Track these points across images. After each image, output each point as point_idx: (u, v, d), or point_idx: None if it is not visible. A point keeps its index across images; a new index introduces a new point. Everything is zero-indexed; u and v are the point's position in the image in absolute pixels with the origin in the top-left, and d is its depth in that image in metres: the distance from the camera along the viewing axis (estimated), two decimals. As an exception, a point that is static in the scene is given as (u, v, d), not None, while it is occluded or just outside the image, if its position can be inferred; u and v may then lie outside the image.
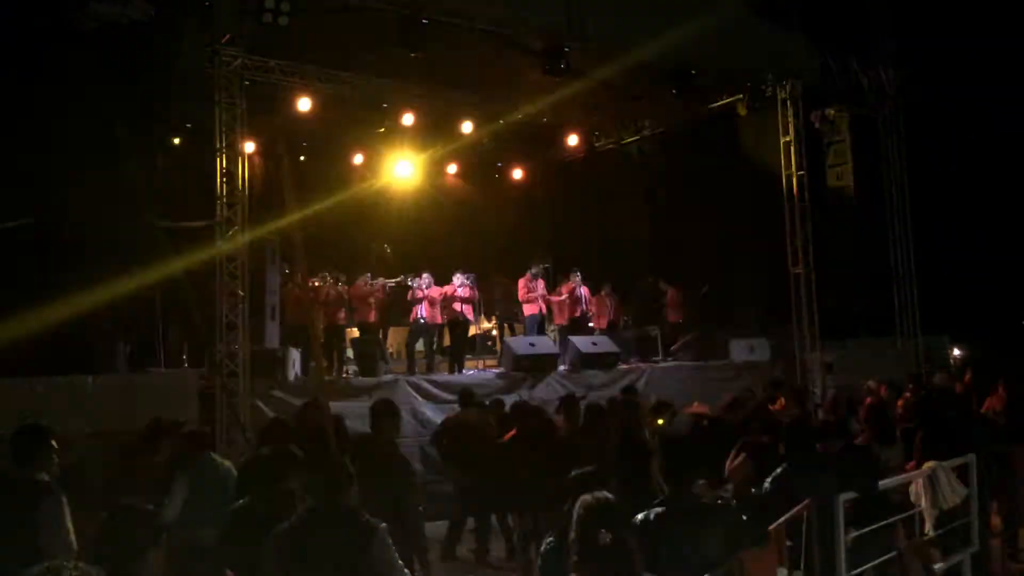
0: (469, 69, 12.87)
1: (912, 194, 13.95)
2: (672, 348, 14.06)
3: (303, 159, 15.39)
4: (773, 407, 7.96)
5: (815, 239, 13.54)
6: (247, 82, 10.69)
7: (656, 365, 13.41)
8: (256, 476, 4.42)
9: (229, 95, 10.18)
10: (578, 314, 14.09)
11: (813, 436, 5.01)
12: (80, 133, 8.83)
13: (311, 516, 3.73)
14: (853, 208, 14.24)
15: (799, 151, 13.62)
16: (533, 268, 14.06)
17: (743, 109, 13.82)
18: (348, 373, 12.04)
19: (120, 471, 6.04)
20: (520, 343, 12.97)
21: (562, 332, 14.25)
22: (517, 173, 18.23)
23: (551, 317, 14.41)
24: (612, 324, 14.64)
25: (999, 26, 12.90)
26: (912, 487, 5.88)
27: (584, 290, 14.22)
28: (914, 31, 13.40)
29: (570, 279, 14.32)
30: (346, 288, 12.72)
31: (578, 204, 17.62)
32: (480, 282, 13.99)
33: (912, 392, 9.08)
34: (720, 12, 11.68)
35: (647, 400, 8.21)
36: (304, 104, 12.47)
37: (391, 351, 13.21)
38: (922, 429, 6.70)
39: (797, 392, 9.25)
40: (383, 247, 15.53)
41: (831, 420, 6.23)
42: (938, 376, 10.54)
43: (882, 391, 9.41)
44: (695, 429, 7.35)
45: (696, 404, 7.98)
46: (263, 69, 11.76)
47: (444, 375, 12.38)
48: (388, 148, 15.14)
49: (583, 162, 17.14)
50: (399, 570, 3.76)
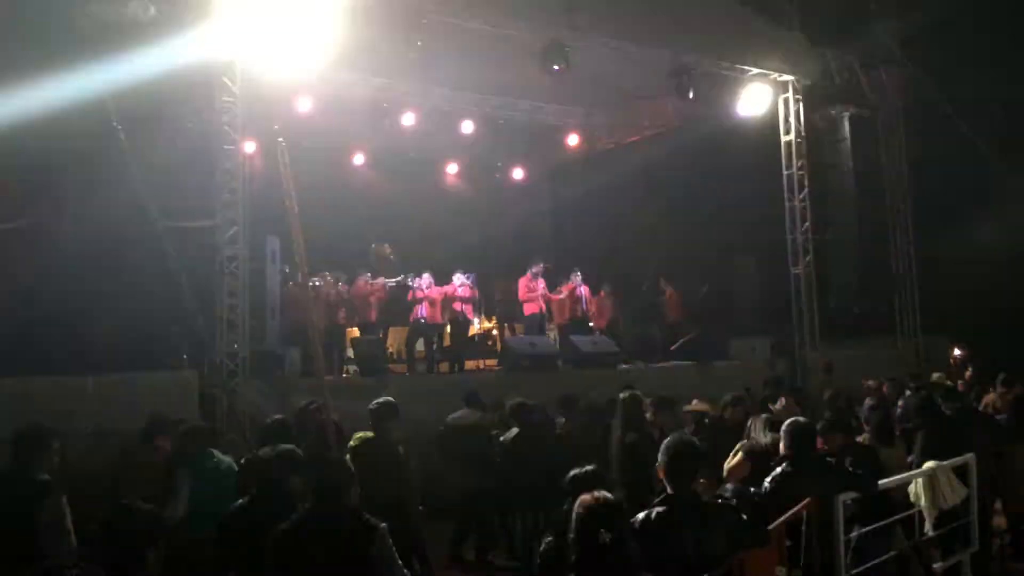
0: (469, 69, 12.88)
1: (912, 193, 13.96)
2: (672, 348, 14.05)
3: (303, 159, 15.37)
4: (773, 407, 7.95)
5: (815, 239, 13.55)
6: (247, 82, 10.68)
7: (656, 365, 13.41)
8: (256, 476, 4.42)
9: (229, 95, 10.18)
10: (578, 314, 14.09)
11: (813, 435, 5.00)
12: (80, 133, 8.83)
13: (311, 516, 3.73)
14: (853, 208, 14.24)
15: (799, 151, 13.64)
16: (533, 268, 14.06)
17: (743, 108, 13.83)
18: (348, 373, 12.04)
19: (120, 470, 6.03)
20: (520, 343, 12.97)
21: (562, 332, 14.25)
22: (517, 173, 18.23)
23: (551, 317, 14.41)
24: (612, 324, 14.63)
25: (999, 26, 12.90)
26: (911, 487, 5.88)
27: (584, 290, 14.21)
28: (914, 30, 13.39)
29: (570, 279, 14.32)
30: (346, 288, 12.72)
31: (578, 204, 17.62)
32: (480, 282, 13.99)
33: (912, 392, 9.08)
34: (720, 11, 11.70)
35: (646, 400, 8.18)
36: (304, 104, 12.45)
37: (391, 351, 13.20)
38: (922, 429, 6.71)
39: (797, 392, 9.24)
40: (383, 247, 15.53)
41: (832, 419, 6.22)
42: (935, 376, 10.55)
43: (884, 390, 9.42)
44: (696, 427, 7.36)
45: (696, 401, 7.98)
46: (263, 69, 11.74)
47: (444, 375, 12.39)
48: (388, 148, 15.15)
49: (583, 162, 17.13)
50: (399, 570, 3.77)
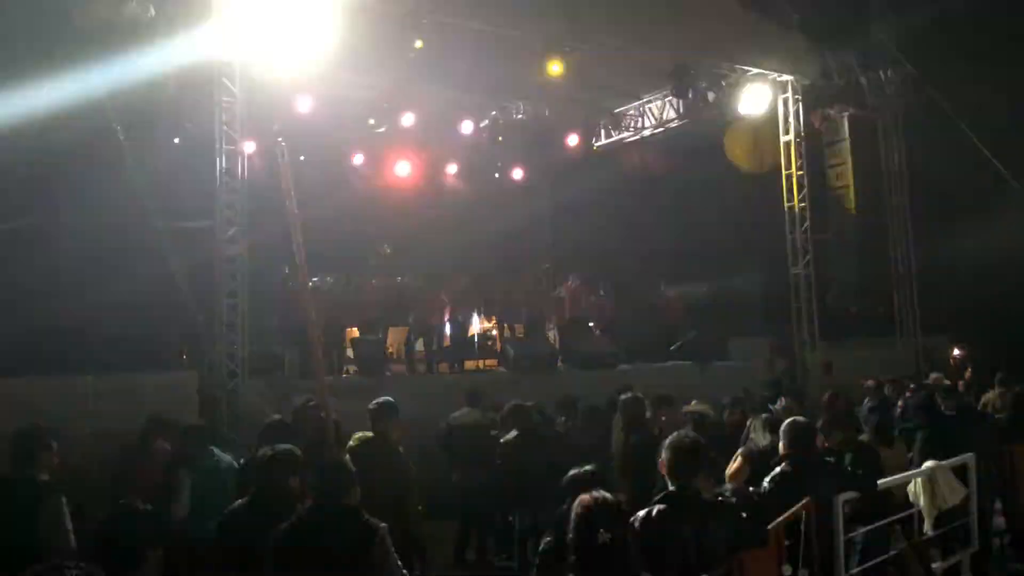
0: (469, 69, 12.88)
1: (911, 194, 13.96)
2: (672, 348, 14.05)
3: (303, 159, 15.39)
4: (774, 407, 7.95)
5: (815, 239, 13.55)
6: (247, 82, 10.69)
7: (656, 365, 13.41)
8: (256, 476, 4.42)
9: (229, 95, 10.18)
10: (578, 314, 14.09)
11: (813, 435, 5.00)
12: (80, 133, 8.84)
13: (311, 516, 3.73)
14: (853, 208, 14.24)
15: (799, 151, 13.64)
16: (534, 269, 14.07)
17: (742, 109, 13.83)
18: (348, 373, 12.04)
19: (120, 470, 6.02)
20: (520, 343, 12.97)
21: (562, 332, 14.26)
22: (517, 173, 18.23)
23: (550, 317, 14.41)
24: (612, 324, 14.63)
25: (999, 25, 12.89)
26: (911, 487, 5.88)
27: (584, 290, 14.21)
28: (914, 31, 13.39)
29: (570, 280, 14.32)
30: (347, 288, 12.72)
31: (578, 204, 17.61)
32: (480, 282, 13.99)
33: (912, 392, 9.09)
34: (719, 12, 11.69)
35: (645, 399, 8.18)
36: (304, 104, 12.45)
37: (391, 351, 13.20)
38: (922, 429, 6.71)
39: (797, 392, 9.25)
40: (383, 247, 15.53)
41: (832, 418, 6.22)
42: (933, 376, 10.55)
43: (886, 390, 9.42)
44: (697, 426, 7.34)
45: (695, 402, 7.97)
46: (263, 69, 11.75)
47: (444, 375, 12.39)
48: (388, 148, 15.15)
49: (583, 162, 17.13)
50: (399, 570, 3.76)
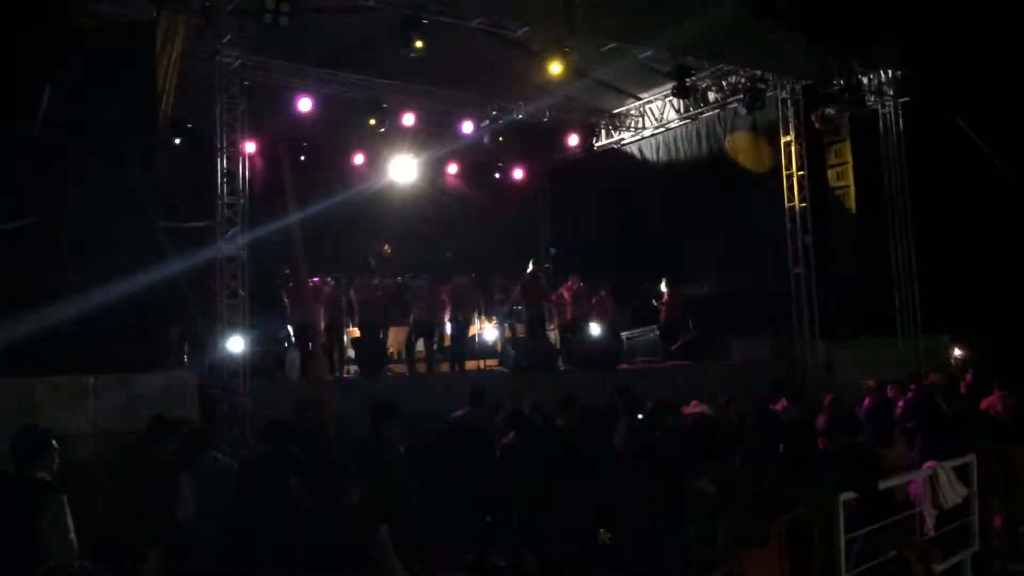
0: (469, 69, 12.88)
1: (912, 194, 13.95)
2: (672, 348, 14.06)
3: (303, 159, 15.40)
4: (774, 407, 7.96)
5: (815, 239, 13.55)
6: (247, 82, 10.71)
7: (656, 365, 13.41)
8: (256, 476, 4.43)
9: (229, 95, 10.19)
10: (578, 314, 14.09)
11: (813, 436, 5.01)
12: (81, 133, 8.82)
13: (311, 516, 3.74)
14: (853, 208, 14.23)
15: (799, 151, 13.64)
16: (534, 268, 14.05)
17: (743, 109, 13.84)
18: (348, 373, 12.04)
19: (121, 471, 6.03)
20: (520, 343, 12.97)
21: (562, 332, 14.26)
22: (517, 173, 18.24)
23: (551, 317, 14.41)
24: (612, 324, 14.63)
25: (999, 25, 12.89)
26: (912, 487, 5.88)
27: (584, 290, 14.22)
28: (915, 31, 13.38)
29: (570, 279, 14.33)
30: (347, 288, 12.72)
31: (578, 204, 17.62)
32: (480, 282, 13.99)
33: (913, 392, 9.08)
34: (720, 11, 11.68)
35: (645, 400, 8.18)
36: (304, 104, 12.47)
37: (391, 351, 13.20)
38: (922, 429, 6.71)
39: (797, 392, 9.24)
40: (383, 247, 15.54)
41: (832, 419, 6.23)
42: (931, 376, 10.55)
43: (888, 391, 9.41)
44: (699, 427, 7.34)
45: (695, 403, 7.98)
46: (263, 69, 11.78)
47: (444, 375, 12.39)
48: (388, 148, 15.15)
49: (583, 162, 17.14)
50: (398, 570, 3.77)
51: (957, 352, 13.73)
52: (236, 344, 9.86)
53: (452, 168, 17.23)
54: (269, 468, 4.19)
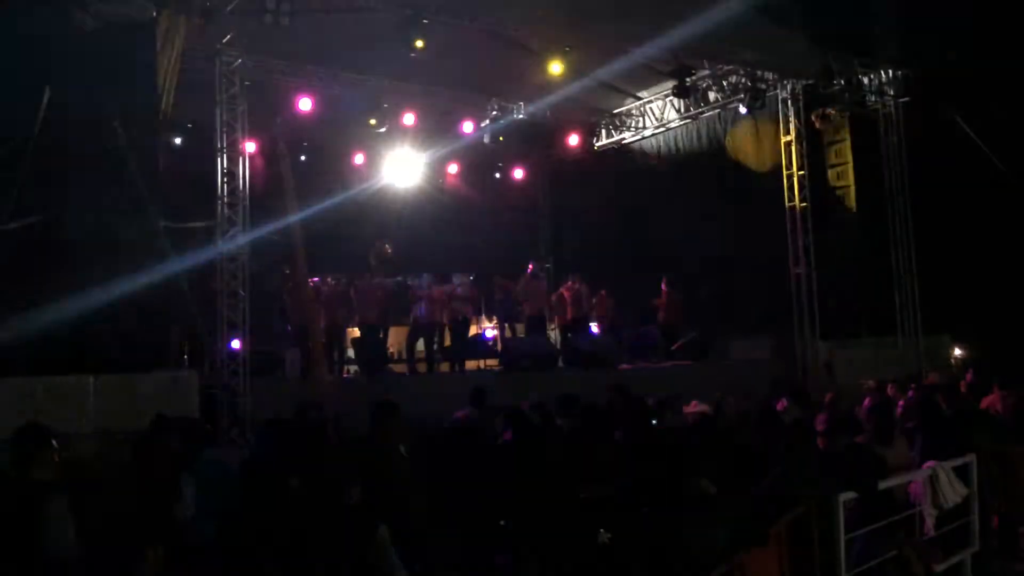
0: (469, 69, 12.88)
1: (912, 194, 13.94)
2: (672, 348, 14.05)
3: (303, 159, 15.40)
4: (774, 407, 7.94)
5: (815, 239, 13.55)
6: (247, 82, 10.71)
7: (656, 365, 13.41)
8: (256, 476, 4.43)
9: (229, 95, 10.20)
10: (578, 314, 14.10)
11: (813, 436, 5.01)
12: (81, 133, 8.81)
13: (311, 516, 3.74)
14: (853, 208, 14.23)
15: (799, 151, 13.64)
16: (533, 268, 14.04)
17: (743, 109, 13.84)
18: (348, 373, 12.05)
19: (123, 471, 6.03)
20: (520, 343, 12.96)
21: (562, 332, 14.26)
22: (517, 173, 18.24)
23: (551, 317, 14.41)
24: (612, 324, 14.63)
25: (1000, 24, 12.88)
26: (912, 487, 5.88)
27: (584, 290, 14.22)
28: (915, 31, 13.37)
29: (570, 279, 14.33)
30: (347, 287, 12.73)
31: (578, 204, 17.62)
32: (480, 282, 13.99)
33: (913, 392, 9.08)
34: (720, 11, 11.66)
35: (646, 398, 8.17)
36: (304, 104, 12.48)
37: (391, 351, 13.21)
38: (922, 429, 6.70)
39: (798, 392, 9.24)
40: (383, 247, 15.53)
41: (832, 419, 6.22)
42: (932, 376, 10.54)
43: (889, 390, 9.41)
44: (699, 427, 7.34)
45: (695, 403, 7.98)
46: (263, 69, 11.79)
47: (444, 375, 12.39)
48: (388, 148, 15.16)
49: (583, 162, 17.13)
50: (398, 570, 3.77)
51: (957, 352, 13.72)
52: (236, 344, 9.87)
53: (452, 168, 17.23)
54: (269, 468, 4.19)
